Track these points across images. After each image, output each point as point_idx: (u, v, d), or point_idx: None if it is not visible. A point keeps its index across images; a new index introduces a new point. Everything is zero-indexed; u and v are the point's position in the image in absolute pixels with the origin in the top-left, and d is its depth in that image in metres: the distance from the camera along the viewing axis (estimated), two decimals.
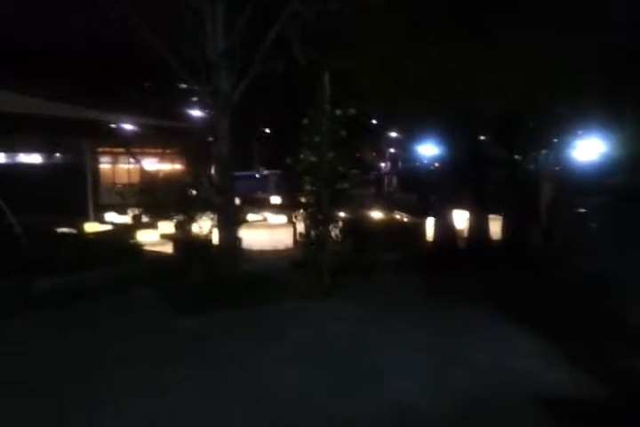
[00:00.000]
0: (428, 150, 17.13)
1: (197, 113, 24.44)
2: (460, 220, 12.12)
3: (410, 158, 33.43)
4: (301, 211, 8.45)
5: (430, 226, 12.06)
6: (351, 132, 8.03)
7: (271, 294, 7.47)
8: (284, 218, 14.94)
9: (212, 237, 8.45)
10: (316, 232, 8.12)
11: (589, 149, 13.62)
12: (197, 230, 10.30)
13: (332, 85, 7.83)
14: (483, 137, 13.38)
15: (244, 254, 10.68)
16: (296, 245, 11.46)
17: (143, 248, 9.41)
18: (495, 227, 11.56)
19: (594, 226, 13.53)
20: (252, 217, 16.06)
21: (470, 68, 8.77)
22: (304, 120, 7.78)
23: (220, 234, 7.96)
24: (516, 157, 11.88)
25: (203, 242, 9.26)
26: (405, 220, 17.65)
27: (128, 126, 20.21)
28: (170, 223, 10.62)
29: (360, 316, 6.74)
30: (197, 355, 5.40)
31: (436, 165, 14.24)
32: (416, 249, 11.48)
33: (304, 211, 8.33)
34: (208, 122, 9.32)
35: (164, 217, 9.42)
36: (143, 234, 11.85)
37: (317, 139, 7.77)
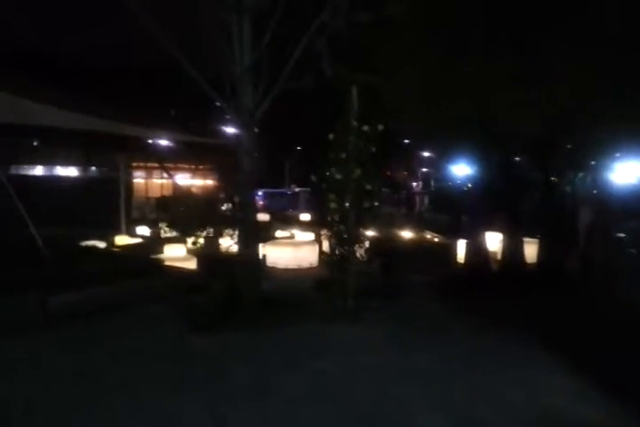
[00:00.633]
0: (461, 170, 16.74)
1: (232, 130, 24.66)
2: (493, 242, 11.69)
3: (442, 178, 32.91)
4: (326, 230, 8.19)
5: (462, 247, 11.66)
6: (381, 149, 7.77)
7: (292, 316, 7.16)
8: (311, 235, 14.74)
9: (237, 253, 8.28)
10: (340, 251, 7.83)
11: (628, 173, 13.10)
12: (223, 246, 10.20)
13: (361, 101, 7.61)
14: (518, 158, 13.01)
15: (267, 272, 10.50)
16: (321, 263, 11.22)
17: (167, 263, 9.29)
18: (529, 250, 11.07)
19: (633, 251, 12.88)
20: (279, 233, 15.91)
21: (509, 86, 8.52)
22: (330, 136, 7.57)
23: (240, 250, 7.76)
24: (552, 178, 11.47)
25: (226, 258, 9.13)
26: (436, 240, 17.24)
27: (163, 142, 20.52)
28: (197, 238, 10.57)
29: (385, 344, 6.33)
30: (204, 383, 5.04)
31: (469, 186, 13.86)
32: (447, 271, 11.07)
33: (329, 229, 8.07)
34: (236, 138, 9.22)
35: (188, 232, 9.34)
36: (170, 248, 11.78)
37: (343, 155, 7.53)
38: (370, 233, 9.03)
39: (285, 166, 37.05)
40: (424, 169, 39.77)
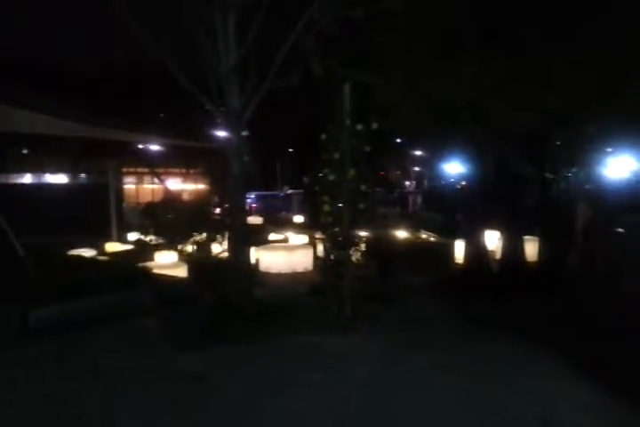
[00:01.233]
0: (454, 169, 16.57)
1: (223, 133, 24.38)
2: (491, 241, 11.45)
3: (435, 177, 32.76)
4: (320, 232, 7.91)
5: (459, 247, 11.42)
6: (374, 149, 7.49)
7: (286, 326, 6.85)
8: (305, 238, 14.47)
9: (228, 259, 7.98)
10: (335, 255, 7.53)
11: (620, 167, 12.98)
12: (214, 252, 9.91)
13: (354, 99, 7.33)
14: (511, 154, 12.82)
15: (260, 278, 10.19)
16: (316, 267, 10.93)
17: (156, 271, 8.97)
18: (529, 248, 10.83)
19: (634, 246, 12.71)
20: (273, 237, 15.63)
21: (503, 84, 8.31)
22: (322, 136, 7.29)
23: (231, 256, 7.45)
24: (547, 175, 11.27)
25: (218, 264, 8.83)
26: (432, 240, 17.02)
27: (153, 147, 20.22)
28: (184, 246, 10.27)
29: (384, 355, 5.98)
30: (191, 405, 4.69)
31: (463, 184, 13.65)
32: (445, 272, 10.81)
33: (323, 232, 7.79)
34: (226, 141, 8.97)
35: (175, 239, 9.03)
36: (161, 255, 11.44)
37: (337, 156, 7.24)
38: (365, 234, 8.75)
39: (277, 168, 36.82)
40: (417, 168, 39.63)
